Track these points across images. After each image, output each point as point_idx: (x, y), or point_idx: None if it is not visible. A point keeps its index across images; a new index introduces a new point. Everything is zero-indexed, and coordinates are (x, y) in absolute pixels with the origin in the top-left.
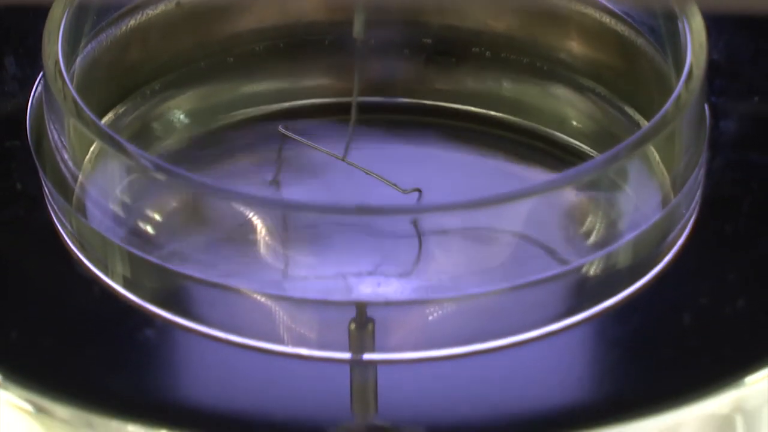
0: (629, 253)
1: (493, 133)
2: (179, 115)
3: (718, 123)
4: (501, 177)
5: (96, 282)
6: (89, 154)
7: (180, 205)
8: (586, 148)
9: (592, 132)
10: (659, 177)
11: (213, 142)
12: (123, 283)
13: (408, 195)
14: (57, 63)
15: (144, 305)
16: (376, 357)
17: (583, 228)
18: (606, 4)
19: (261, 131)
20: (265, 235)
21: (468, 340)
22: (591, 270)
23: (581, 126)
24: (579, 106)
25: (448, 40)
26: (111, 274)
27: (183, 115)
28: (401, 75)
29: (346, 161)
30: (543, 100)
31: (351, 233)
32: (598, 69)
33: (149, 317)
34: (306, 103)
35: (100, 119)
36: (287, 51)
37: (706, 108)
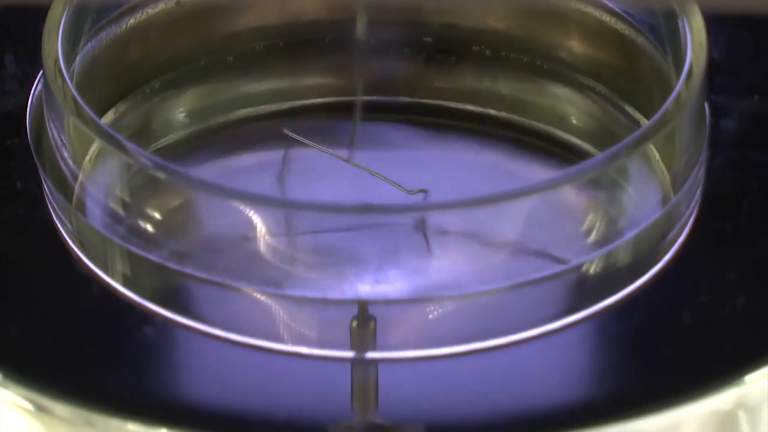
0: (629, 252)
1: (493, 132)
2: (179, 114)
3: (718, 121)
4: (501, 175)
5: (96, 280)
6: (89, 152)
7: (180, 204)
8: (586, 146)
9: (592, 130)
10: (659, 175)
11: (213, 140)
12: (123, 282)
13: (410, 194)
14: (57, 61)
15: (144, 304)
16: (377, 355)
17: (584, 226)
18: (606, 2)
19: (261, 130)
20: (266, 234)
21: (469, 338)
22: (591, 268)
23: (581, 124)
24: (579, 104)
25: (448, 38)
26: (111, 272)
27: (183, 114)
28: (401, 74)
29: (351, 163)
30: (543, 98)
31: (352, 231)
32: (598, 68)
33: (149, 316)
34: (306, 102)
35: (100, 118)
36: (287, 50)
37: (706, 106)
